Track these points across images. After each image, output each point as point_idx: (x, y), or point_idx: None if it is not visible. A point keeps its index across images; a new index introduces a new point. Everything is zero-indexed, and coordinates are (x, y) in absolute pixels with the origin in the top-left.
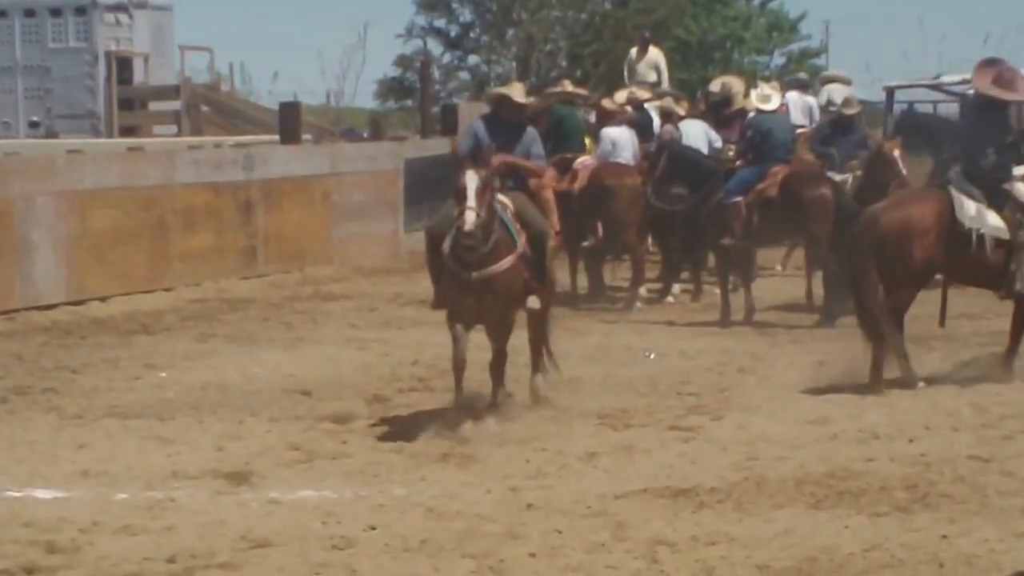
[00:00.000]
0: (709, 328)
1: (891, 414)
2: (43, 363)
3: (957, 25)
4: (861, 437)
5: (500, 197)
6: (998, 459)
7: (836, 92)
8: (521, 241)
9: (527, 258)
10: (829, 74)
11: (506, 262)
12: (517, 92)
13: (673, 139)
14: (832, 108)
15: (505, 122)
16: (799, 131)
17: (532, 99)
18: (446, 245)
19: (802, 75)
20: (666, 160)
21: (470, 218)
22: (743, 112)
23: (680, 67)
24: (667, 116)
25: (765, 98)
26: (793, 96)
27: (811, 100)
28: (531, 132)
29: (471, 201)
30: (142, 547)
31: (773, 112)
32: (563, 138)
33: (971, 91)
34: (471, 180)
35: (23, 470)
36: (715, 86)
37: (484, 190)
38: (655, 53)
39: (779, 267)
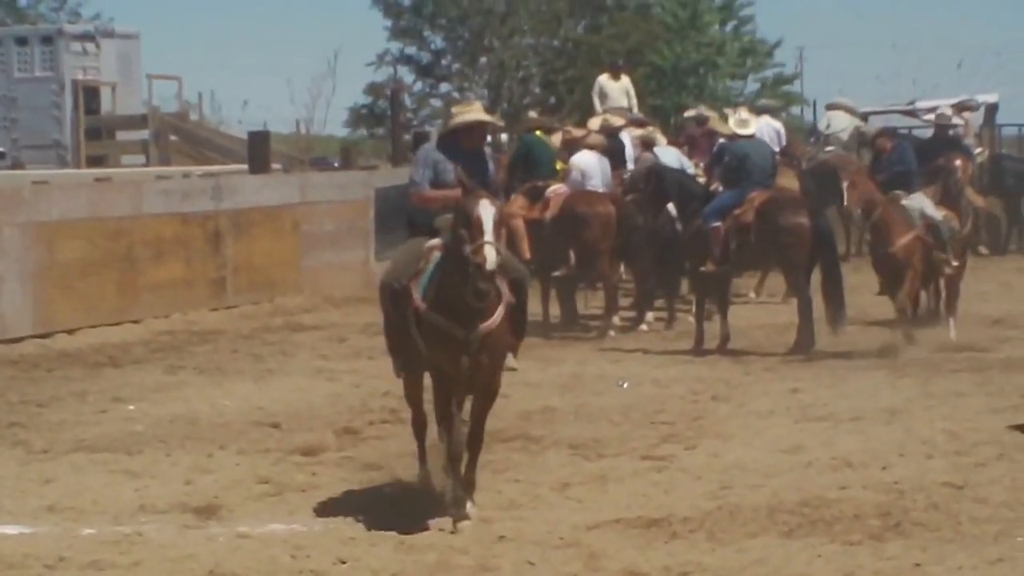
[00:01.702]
0: (683, 356)
1: (865, 441)
2: (9, 397)
3: (931, 50)
4: (835, 465)
5: None
6: (971, 486)
7: (835, 118)
8: (505, 288)
9: (510, 308)
10: (834, 101)
11: (499, 315)
12: (478, 111)
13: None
14: (828, 133)
15: (465, 148)
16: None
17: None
18: (418, 297)
19: (764, 101)
20: (654, 180)
21: (491, 255)
22: (714, 135)
23: (654, 93)
24: (646, 144)
25: (743, 123)
26: (761, 123)
27: (778, 125)
28: (490, 157)
29: (490, 235)
30: None
31: (750, 137)
32: (533, 165)
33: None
34: (487, 211)
35: None
36: (691, 113)
37: (499, 223)
38: (625, 79)
39: (752, 294)
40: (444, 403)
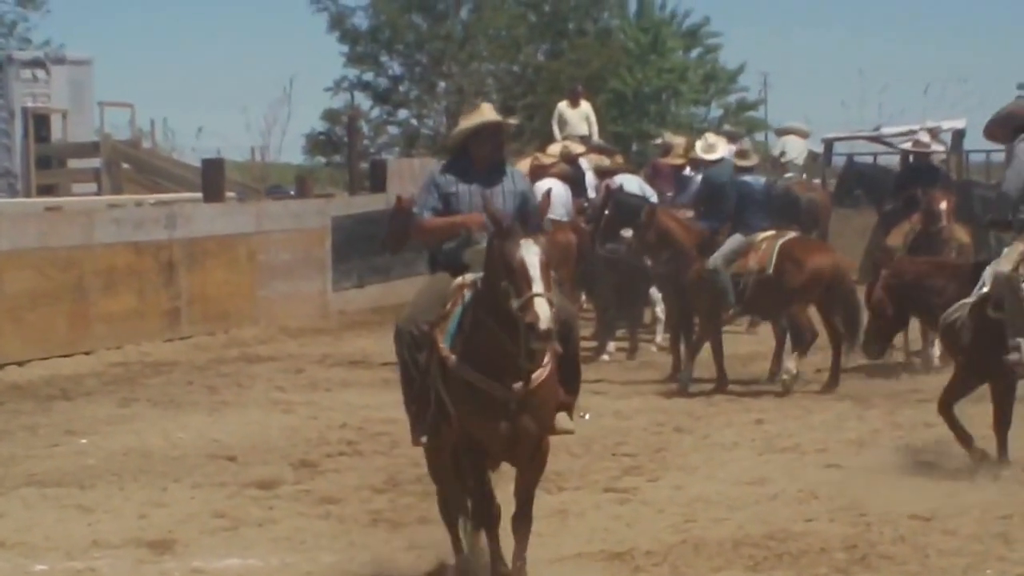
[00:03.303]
0: (646, 387)
1: (831, 473)
2: None
3: (897, 76)
4: (800, 497)
5: None
6: (939, 518)
7: (790, 144)
8: None
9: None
10: (785, 126)
11: (546, 367)
12: (488, 112)
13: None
14: (785, 160)
15: (481, 163)
16: None
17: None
18: (445, 347)
19: (727, 127)
20: (612, 208)
21: (544, 311)
22: (679, 166)
23: (616, 119)
24: (603, 173)
25: (710, 148)
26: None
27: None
28: (518, 176)
29: (539, 285)
30: None
31: (720, 161)
32: None
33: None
34: (531, 253)
35: None
36: (658, 141)
37: (547, 267)
38: (586, 105)
39: None
40: (478, 480)
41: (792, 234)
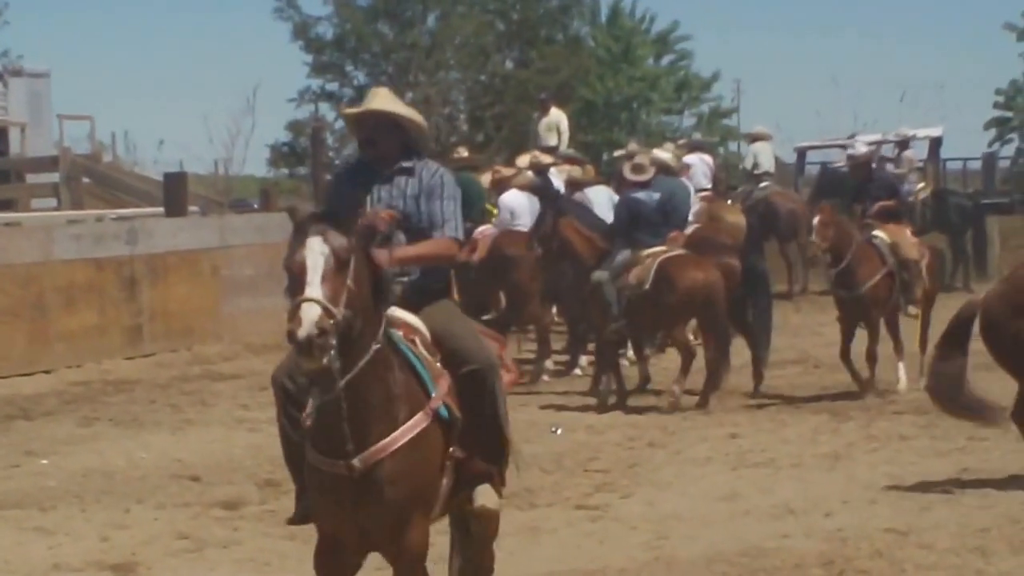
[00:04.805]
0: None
1: (805, 488)
2: None
3: (872, 83)
4: (775, 512)
5: (400, 315)
6: (916, 531)
7: (763, 153)
8: (441, 389)
9: (451, 419)
10: (755, 132)
11: (403, 432)
12: (382, 100)
13: (564, 198)
14: (761, 171)
15: (387, 163)
16: (703, 193)
17: (411, 112)
18: (309, 409)
19: (697, 135)
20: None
21: (309, 317)
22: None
23: (586, 129)
24: (573, 184)
25: (638, 168)
26: (694, 159)
27: (709, 159)
28: (429, 173)
29: (314, 289)
30: None
31: (675, 178)
32: (464, 205)
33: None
34: (314, 252)
35: None
36: (623, 151)
37: (341, 270)
38: (556, 114)
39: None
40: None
41: (677, 251)
